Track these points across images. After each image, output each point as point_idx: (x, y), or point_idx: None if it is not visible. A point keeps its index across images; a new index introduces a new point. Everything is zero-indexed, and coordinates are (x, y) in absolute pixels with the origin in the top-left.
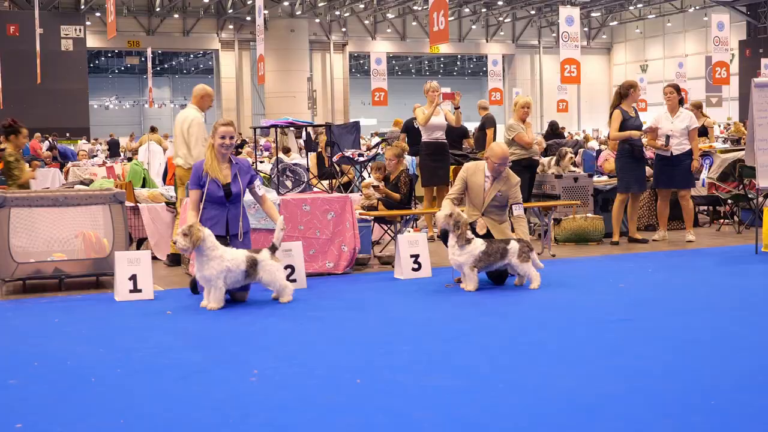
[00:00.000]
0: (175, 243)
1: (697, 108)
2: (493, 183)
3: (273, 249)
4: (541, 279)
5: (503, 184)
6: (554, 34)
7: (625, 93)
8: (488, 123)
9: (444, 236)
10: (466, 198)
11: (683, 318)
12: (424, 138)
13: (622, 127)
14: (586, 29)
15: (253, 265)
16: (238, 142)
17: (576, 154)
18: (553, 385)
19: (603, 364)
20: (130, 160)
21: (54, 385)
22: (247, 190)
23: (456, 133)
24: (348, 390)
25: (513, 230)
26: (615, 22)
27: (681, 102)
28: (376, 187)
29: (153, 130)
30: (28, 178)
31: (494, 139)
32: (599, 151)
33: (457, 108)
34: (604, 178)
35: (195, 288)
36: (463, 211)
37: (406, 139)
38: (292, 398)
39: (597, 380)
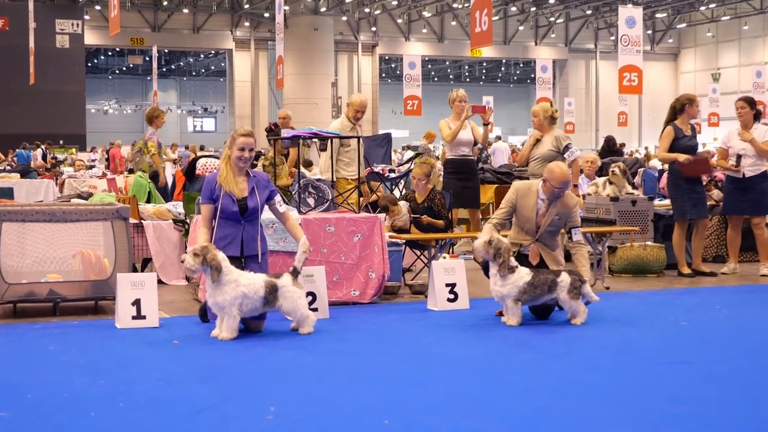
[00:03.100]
0: (182, 262)
1: None
2: (549, 207)
3: (295, 273)
4: (594, 314)
5: (561, 206)
6: (613, 38)
7: (680, 108)
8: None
9: (485, 266)
10: (515, 222)
11: (752, 362)
12: (448, 154)
13: (674, 147)
14: (649, 32)
15: (272, 291)
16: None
17: (635, 174)
18: (603, 431)
19: (659, 411)
20: (131, 171)
21: (49, 419)
22: (266, 207)
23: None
24: (375, 431)
25: (570, 259)
26: (683, 25)
27: (757, 116)
28: (417, 218)
29: None
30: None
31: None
32: (662, 171)
33: (486, 124)
34: (667, 201)
35: (205, 315)
36: (504, 235)
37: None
38: None
39: (651, 428)
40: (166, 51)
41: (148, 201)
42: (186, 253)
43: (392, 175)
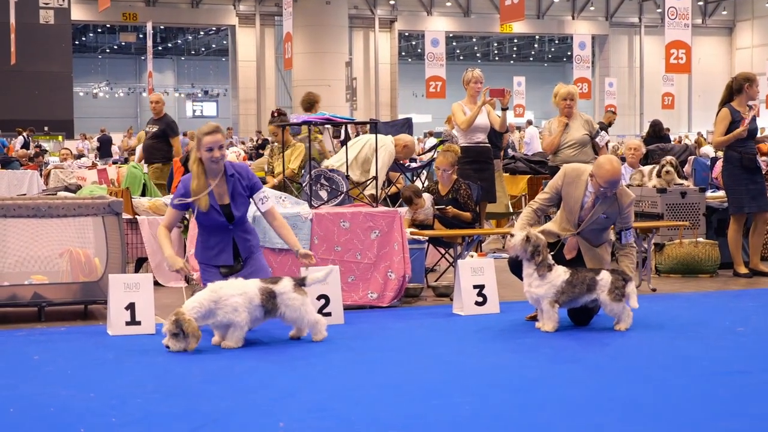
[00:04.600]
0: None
1: None
2: (596, 202)
3: (300, 282)
4: (639, 319)
5: (611, 204)
6: (659, 10)
7: (738, 88)
8: (171, 129)
9: (514, 265)
10: (562, 207)
11: None
12: (462, 141)
13: (730, 132)
14: (701, 3)
15: (270, 299)
16: (259, 141)
17: (685, 162)
18: None
19: (713, 427)
20: (125, 161)
21: None
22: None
23: (496, 133)
24: None
25: (615, 259)
26: None
27: None
28: (442, 209)
29: None
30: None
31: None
32: (715, 159)
33: (505, 109)
34: (721, 193)
35: None
36: (536, 227)
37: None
38: None
39: None
40: (161, 27)
41: (143, 194)
42: (166, 337)
43: (413, 165)
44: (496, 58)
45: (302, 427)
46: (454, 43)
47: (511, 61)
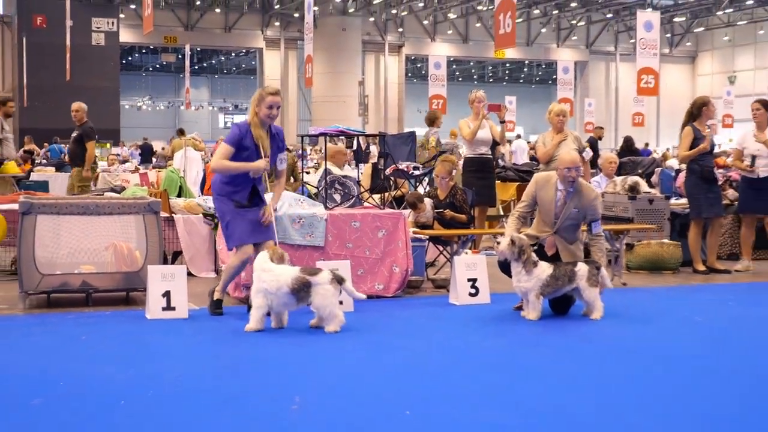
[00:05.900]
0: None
1: None
2: (567, 198)
3: (339, 279)
4: (611, 309)
5: (579, 199)
6: (633, 40)
7: (697, 113)
8: (87, 135)
9: (502, 266)
10: (538, 213)
11: (765, 357)
12: (467, 153)
13: (694, 146)
14: (668, 35)
15: (303, 287)
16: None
17: (652, 173)
18: (618, 426)
19: (673, 406)
20: (161, 166)
21: (80, 407)
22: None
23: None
24: (396, 422)
25: (588, 253)
26: (701, 29)
27: None
28: (440, 212)
29: (181, 133)
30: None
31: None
32: (678, 171)
33: (502, 122)
34: (683, 200)
35: (219, 306)
36: (522, 232)
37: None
38: (336, 430)
39: (666, 424)
40: (198, 49)
41: (179, 195)
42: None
43: (416, 172)
44: (491, 80)
45: (316, 402)
46: (454, 66)
47: (504, 83)
